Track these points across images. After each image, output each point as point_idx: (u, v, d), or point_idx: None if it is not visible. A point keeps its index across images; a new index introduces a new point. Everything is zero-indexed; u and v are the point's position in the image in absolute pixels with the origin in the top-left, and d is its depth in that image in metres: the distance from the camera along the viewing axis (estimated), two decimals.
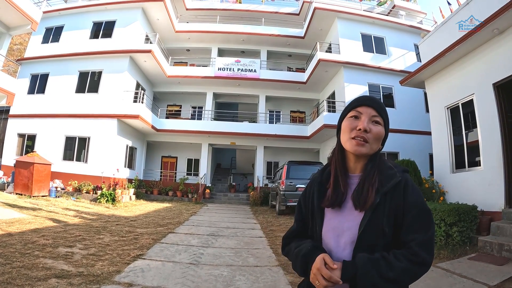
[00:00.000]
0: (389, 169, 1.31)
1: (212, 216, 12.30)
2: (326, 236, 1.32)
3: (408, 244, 1.19)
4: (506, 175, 6.96)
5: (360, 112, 1.33)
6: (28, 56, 19.12)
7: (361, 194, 1.26)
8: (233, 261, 5.64)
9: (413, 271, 1.16)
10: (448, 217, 6.38)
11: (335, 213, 1.32)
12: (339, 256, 1.26)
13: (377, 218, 1.22)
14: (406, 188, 1.26)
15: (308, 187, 1.48)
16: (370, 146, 1.30)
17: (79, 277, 4.15)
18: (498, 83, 7.32)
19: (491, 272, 4.79)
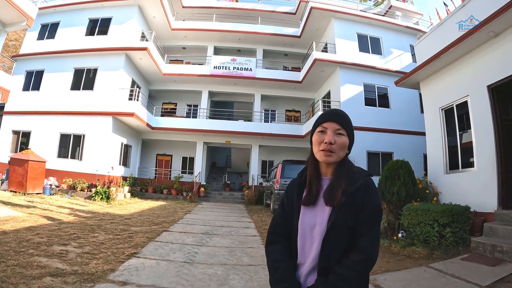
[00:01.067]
0: (354, 174, 1.56)
1: (206, 215, 12.33)
2: (301, 228, 1.56)
3: (358, 240, 1.46)
4: (499, 176, 7.04)
5: (326, 127, 1.58)
6: (23, 53, 19.04)
7: (331, 194, 1.51)
8: (227, 260, 5.68)
9: (364, 268, 1.43)
10: (441, 217, 6.43)
11: (309, 210, 1.57)
12: (311, 243, 1.52)
13: (343, 214, 1.46)
14: (367, 191, 1.51)
15: (289, 188, 1.73)
16: (337, 155, 1.55)
17: (73, 276, 4.17)
18: (492, 86, 7.39)
19: (483, 273, 4.84)
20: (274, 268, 1.57)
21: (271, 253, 1.64)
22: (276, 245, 1.65)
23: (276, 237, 1.68)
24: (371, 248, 1.44)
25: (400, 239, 7.06)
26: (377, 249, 1.47)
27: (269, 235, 1.72)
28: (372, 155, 17.02)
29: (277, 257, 1.59)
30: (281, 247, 1.63)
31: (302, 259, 1.55)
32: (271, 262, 1.60)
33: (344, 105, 17.34)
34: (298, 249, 1.56)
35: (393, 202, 7.74)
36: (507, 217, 6.54)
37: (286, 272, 1.54)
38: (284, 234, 1.66)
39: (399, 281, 4.72)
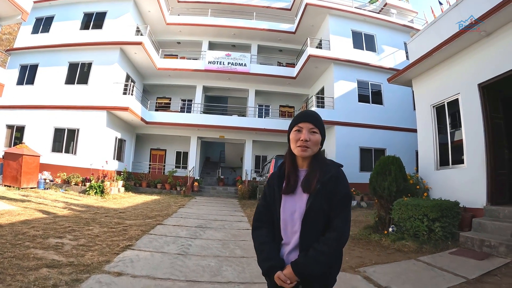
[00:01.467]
0: (327, 165, 1.81)
1: (200, 209, 12.42)
2: (283, 213, 1.80)
3: (332, 222, 1.71)
4: (489, 173, 7.16)
5: (301, 127, 1.83)
6: (17, 47, 18.93)
7: (307, 183, 1.77)
8: (220, 252, 5.79)
9: (338, 244, 1.68)
10: (431, 212, 6.56)
11: (290, 198, 1.81)
12: (293, 226, 1.77)
13: (318, 199, 1.72)
14: (338, 180, 1.76)
15: (270, 180, 1.95)
16: (311, 150, 1.81)
17: (69, 267, 4.26)
18: (483, 84, 7.50)
19: (471, 267, 4.97)
20: (260, 249, 1.84)
21: (257, 237, 1.90)
22: (261, 230, 1.90)
23: (260, 223, 1.92)
24: (343, 227, 1.70)
25: (391, 233, 7.19)
26: (348, 228, 1.74)
27: (254, 222, 1.97)
28: (365, 151, 17.21)
29: (263, 240, 1.85)
30: (265, 232, 1.87)
31: (286, 240, 1.80)
32: (258, 245, 1.87)
33: (338, 101, 17.48)
34: (281, 232, 1.81)
35: (384, 197, 7.86)
36: (495, 213, 6.66)
37: (271, 251, 1.79)
38: (267, 221, 1.90)
39: (388, 273, 4.83)
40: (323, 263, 1.65)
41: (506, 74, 6.85)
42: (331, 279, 1.80)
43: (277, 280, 1.70)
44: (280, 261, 1.76)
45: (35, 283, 3.55)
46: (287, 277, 1.67)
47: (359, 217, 11.07)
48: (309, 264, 1.64)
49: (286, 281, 1.67)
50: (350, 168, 16.11)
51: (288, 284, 1.67)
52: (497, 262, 5.08)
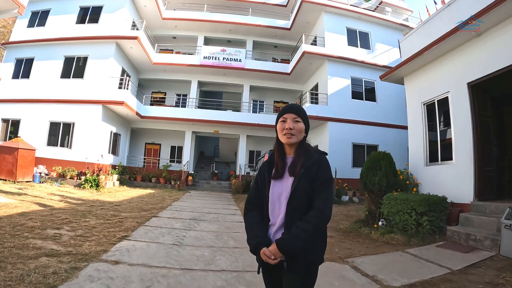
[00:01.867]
0: (311, 153, 2.02)
1: (194, 202, 12.59)
2: (271, 195, 2.02)
3: (314, 202, 1.90)
4: (476, 169, 7.39)
5: (286, 117, 2.07)
6: (13, 40, 18.86)
7: (293, 167, 1.99)
8: (214, 243, 5.98)
9: (319, 221, 1.86)
10: (418, 206, 6.76)
11: (278, 182, 2.03)
12: (279, 206, 1.98)
13: (302, 182, 1.92)
14: (320, 165, 1.97)
15: (261, 167, 2.17)
16: (296, 137, 2.03)
17: (68, 256, 4.42)
18: (472, 83, 7.72)
19: (456, 259, 5.15)
20: (249, 228, 2.06)
21: (247, 218, 2.12)
22: (251, 212, 2.12)
23: (251, 206, 2.15)
24: (324, 205, 1.87)
25: (380, 227, 7.38)
26: (329, 208, 1.90)
27: (246, 204, 2.18)
28: (357, 147, 17.41)
29: (252, 220, 2.08)
30: (255, 213, 2.10)
31: (273, 220, 2.01)
32: (247, 225, 2.09)
33: (331, 98, 17.64)
34: (269, 213, 2.02)
35: (374, 192, 8.06)
36: (482, 208, 6.89)
37: (258, 230, 2.01)
38: (257, 203, 2.11)
39: (375, 263, 5.02)
40: (304, 239, 1.80)
41: (494, 74, 7.05)
42: (316, 258, 1.96)
43: (263, 256, 1.87)
44: (266, 238, 1.96)
45: (35, 271, 3.69)
46: (271, 253, 1.84)
47: (351, 211, 11.27)
48: (291, 240, 1.81)
49: (271, 257, 1.83)
50: (342, 163, 16.34)
51: (273, 260, 1.83)
52: (482, 255, 5.26)
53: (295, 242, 1.80)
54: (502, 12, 6.58)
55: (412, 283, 4.10)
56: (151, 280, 3.86)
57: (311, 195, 1.91)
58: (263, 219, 2.05)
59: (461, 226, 6.70)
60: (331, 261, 5.09)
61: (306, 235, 1.81)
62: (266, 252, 1.86)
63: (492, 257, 5.16)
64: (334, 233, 7.56)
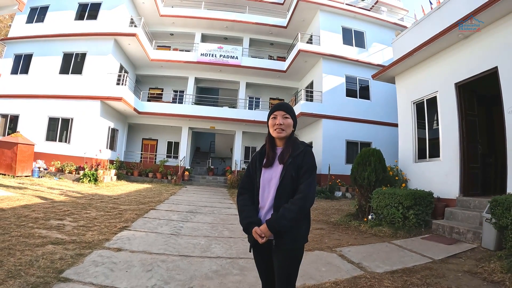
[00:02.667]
0: (297, 145, 2.28)
1: (191, 196, 12.87)
2: (262, 181, 2.28)
3: (299, 186, 2.15)
4: (462, 166, 7.72)
5: (276, 114, 2.33)
6: (12, 36, 18.96)
7: (282, 156, 2.26)
8: (209, 233, 6.28)
9: (303, 203, 2.09)
10: (405, 200, 7.04)
11: (268, 170, 2.30)
12: (269, 191, 2.23)
13: (289, 170, 2.19)
14: (305, 154, 2.23)
15: (253, 157, 2.45)
16: (286, 132, 2.30)
17: (73, 244, 4.70)
18: (459, 83, 8.03)
19: (438, 250, 5.45)
20: (242, 210, 2.30)
21: (240, 201, 2.36)
22: (243, 195, 2.38)
23: (243, 190, 2.40)
24: (307, 189, 2.12)
25: (370, 220, 7.68)
26: (312, 192, 2.14)
27: (239, 189, 2.43)
28: (351, 144, 17.70)
29: (244, 203, 2.33)
30: (247, 197, 2.36)
31: (262, 203, 2.26)
32: (240, 207, 2.33)
33: (326, 95, 17.90)
34: (260, 197, 2.27)
35: (364, 187, 8.35)
36: (466, 203, 7.20)
37: (250, 211, 2.27)
38: (249, 188, 2.38)
39: (361, 252, 5.31)
40: (291, 219, 2.04)
41: (481, 75, 7.35)
42: (300, 237, 2.19)
43: (254, 234, 2.11)
44: (257, 219, 2.21)
45: (43, 257, 3.97)
46: (262, 231, 2.09)
47: (343, 206, 11.59)
48: (279, 220, 2.04)
49: (261, 235, 2.08)
50: (336, 160, 16.69)
51: (263, 239, 2.08)
52: (463, 247, 5.56)
53: (283, 222, 2.03)
54: (492, 14, 6.84)
55: (394, 270, 4.38)
56: (152, 264, 4.15)
57: (296, 181, 2.16)
58: (254, 202, 2.30)
59: (446, 220, 7.00)
60: (320, 250, 5.39)
61: (292, 215, 2.04)
62: (257, 230, 2.10)
63: (474, 249, 5.43)
64: (324, 225, 7.87)
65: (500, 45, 6.90)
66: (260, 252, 2.27)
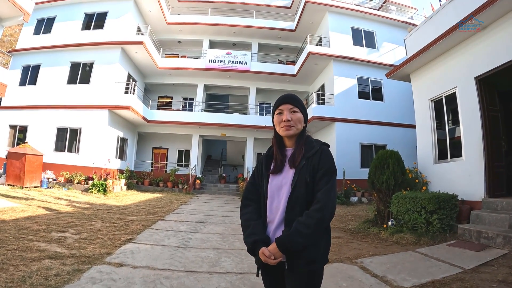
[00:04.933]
0: (311, 143, 1.90)
1: (201, 205, 12.56)
2: (270, 190, 1.88)
3: (316, 195, 1.73)
4: (486, 165, 7.20)
5: (282, 109, 1.92)
6: (19, 48, 19.08)
7: (293, 159, 1.85)
8: (219, 245, 5.91)
9: (321, 216, 1.67)
10: (428, 205, 6.60)
11: (277, 176, 1.89)
12: (279, 201, 1.83)
13: (303, 174, 1.78)
14: (321, 155, 1.82)
15: (259, 161, 2.05)
16: (295, 128, 1.89)
17: (71, 258, 4.38)
18: (480, 77, 7.55)
19: (467, 257, 5.01)
20: (246, 226, 1.89)
21: (244, 215, 1.95)
22: (248, 208, 1.97)
23: (248, 201, 2.00)
24: (326, 198, 1.69)
25: (390, 226, 7.25)
26: (332, 201, 1.72)
27: (243, 200, 2.03)
28: (365, 147, 17.29)
29: (249, 217, 1.91)
30: (252, 209, 1.95)
31: (271, 217, 1.85)
32: (244, 222, 1.92)
33: (338, 98, 17.55)
34: (267, 208, 1.87)
35: (383, 191, 7.92)
36: (493, 205, 6.72)
37: (256, 227, 1.84)
38: (254, 199, 1.98)
39: (384, 263, 4.90)
40: (306, 235, 1.63)
41: (502, 67, 6.90)
42: (319, 257, 1.76)
43: (262, 256, 1.70)
44: (264, 236, 1.79)
45: (37, 273, 3.66)
46: (271, 252, 1.68)
47: (360, 212, 11.17)
48: (291, 237, 1.64)
49: (271, 257, 1.67)
50: (350, 164, 16.24)
51: (273, 260, 1.67)
52: (494, 253, 5.12)
53: (296, 239, 1.63)
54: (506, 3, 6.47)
55: (423, 283, 3.98)
56: (154, 282, 3.79)
57: (312, 188, 1.75)
58: (261, 216, 1.90)
59: (472, 224, 6.54)
60: (339, 261, 4.98)
61: (308, 231, 1.63)
62: (265, 252, 1.70)
63: (505, 254, 5.00)
64: (342, 233, 7.46)
65: None
66: (270, 274, 1.88)
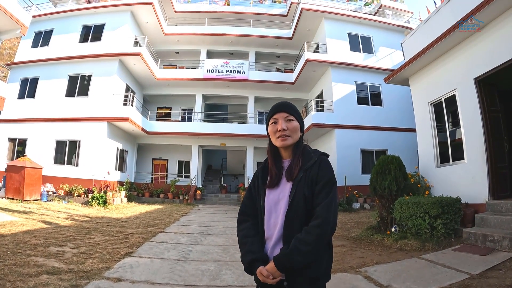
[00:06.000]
0: (309, 154, 1.79)
1: (202, 216, 12.44)
2: (267, 204, 1.77)
3: (316, 209, 1.63)
4: (489, 167, 7.11)
5: (276, 118, 1.82)
6: (18, 61, 19.13)
7: (290, 171, 1.75)
8: (220, 257, 5.81)
9: (322, 231, 1.57)
10: (432, 209, 6.49)
11: (274, 190, 1.79)
12: (276, 217, 1.72)
13: (301, 187, 1.68)
14: (320, 165, 1.72)
15: (255, 174, 1.95)
16: (292, 138, 1.79)
17: (69, 273, 4.29)
18: (479, 78, 7.49)
19: (474, 262, 4.90)
20: (242, 243, 1.78)
21: (240, 231, 1.85)
22: (245, 224, 1.87)
23: (244, 217, 1.90)
24: (327, 213, 1.58)
25: (393, 233, 7.14)
26: (333, 215, 1.61)
27: (239, 215, 1.93)
28: (366, 153, 17.21)
29: (245, 234, 1.80)
30: (249, 225, 1.84)
31: (269, 233, 1.75)
32: (240, 239, 1.82)
33: (337, 104, 17.51)
34: (265, 224, 1.77)
35: (385, 197, 7.83)
36: (498, 207, 6.60)
37: (253, 245, 1.73)
38: (251, 214, 1.88)
39: (389, 271, 4.80)
40: (306, 253, 1.54)
41: (501, 67, 6.85)
42: (321, 274, 1.67)
43: (260, 276, 1.61)
44: (262, 254, 1.69)
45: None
46: (269, 272, 1.59)
47: (362, 218, 11.06)
48: (290, 255, 1.55)
49: (269, 277, 1.59)
50: (352, 170, 16.18)
51: (272, 280, 1.59)
52: (501, 257, 5.02)
53: (296, 258, 1.54)
54: (504, 2, 6.44)
55: None
56: None
57: (311, 202, 1.65)
58: (259, 232, 1.80)
59: (477, 227, 6.43)
60: (343, 271, 4.88)
61: (308, 248, 1.54)
62: (263, 271, 1.60)
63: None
64: (345, 241, 7.36)
65: None
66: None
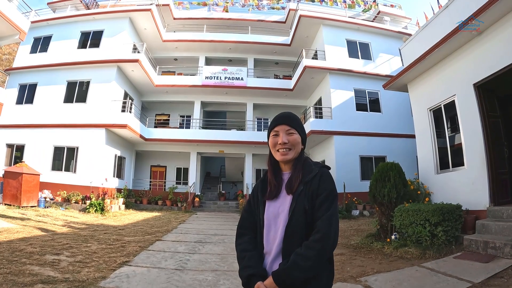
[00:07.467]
0: (310, 166, 1.73)
1: (200, 224, 12.37)
2: (267, 218, 1.72)
3: (316, 223, 1.57)
4: (490, 173, 7.06)
5: (277, 130, 1.77)
6: (16, 66, 19.10)
7: (291, 184, 1.69)
8: (218, 266, 5.74)
9: (322, 246, 1.51)
10: (432, 217, 6.42)
11: (273, 202, 1.73)
12: (276, 231, 1.67)
13: (301, 200, 1.62)
14: (321, 178, 1.66)
15: (255, 187, 1.90)
16: (293, 152, 1.74)
17: (64, 283, 4.22)
18: (478, 83, 7.47)
19: (476, 270, 4.83)
20: (241, 257, 1.73)
21: (239, 245, 1.80)
22: (243, 237, 1.82)
23: (243, 230, 1.85)
24: (328, 227, 1.54)
25: (393, 240, 7.07)
26: (334, 229, 1.56)
27: (238, 229, 1.89)
28: (365, 159, 17.17)
29: (244, 248, 1.76)
30: (248, 239, 1.80)
31: (268, 248, 1.70)
32: (239, 253, 1.77)
33: (335, 111, 17.49)
34: (264, 238, 1.72)
35: (385, 204, 7.76)
36: (499, 213, 6.54)
37: (251, 259, 1.68)
38: (250, 227, 1.83)
39: (390, 281, 4.73)
40: (306, 268, 1.50)
41: (500, 72, 6.82)
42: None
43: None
44: (260, 269, 1.65)
45: None
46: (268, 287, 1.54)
47: (362, 226, 10.99)
48: (290, 271, 1.50)
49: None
50: (351, 177, 16.12)
51: None
52: (502, 264, 4.95)
53: (295, 273, 1.49)
54: (502, 7, 6.43)
55: None
56: None
57: (312, 216, 1.60)
58: (257, 246, 1.76)
59: (478, 234, 6.37)
60: (343, 281, 4.81)
61: (307, 263, 1.49)
62: (261, 287, 1.55)
63: None
64: (344, 249, 7.28)
65: None
66: None
